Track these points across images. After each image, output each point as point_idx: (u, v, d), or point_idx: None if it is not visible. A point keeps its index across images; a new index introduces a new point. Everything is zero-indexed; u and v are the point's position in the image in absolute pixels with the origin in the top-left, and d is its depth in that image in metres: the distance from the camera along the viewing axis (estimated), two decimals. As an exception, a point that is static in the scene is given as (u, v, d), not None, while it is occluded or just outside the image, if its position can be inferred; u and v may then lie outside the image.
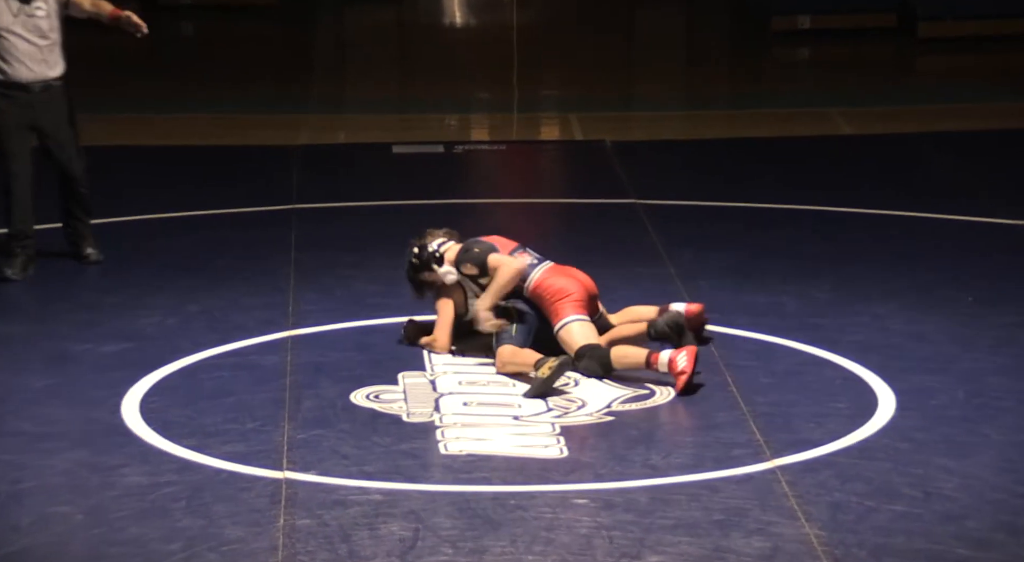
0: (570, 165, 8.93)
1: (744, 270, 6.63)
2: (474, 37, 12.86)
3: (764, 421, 4.99)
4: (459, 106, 10.34)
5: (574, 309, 5.39)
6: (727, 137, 9.39)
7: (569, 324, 5.38)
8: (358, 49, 12.45)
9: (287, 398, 5.18)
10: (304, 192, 7.91)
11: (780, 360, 5.56)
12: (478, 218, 7.66)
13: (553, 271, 5.52)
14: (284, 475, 4.61)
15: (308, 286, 6.35)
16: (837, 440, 4.85)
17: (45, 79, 6.36)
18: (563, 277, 5.50)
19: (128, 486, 4.53)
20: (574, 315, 5.38)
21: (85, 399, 5.17)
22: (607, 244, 7.05)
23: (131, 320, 5.94)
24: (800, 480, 4.56)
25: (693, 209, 7.71)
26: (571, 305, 5.40)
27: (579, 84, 10.97)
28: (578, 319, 5.38)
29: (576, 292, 5.43)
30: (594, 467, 4.69)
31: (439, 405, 5.17)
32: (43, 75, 6.36)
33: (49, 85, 6.38)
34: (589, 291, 5.50)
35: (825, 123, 9.61)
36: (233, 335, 5.70)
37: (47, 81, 6.37)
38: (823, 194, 7.86)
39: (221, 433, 4.90)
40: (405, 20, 13.27)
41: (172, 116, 9.75)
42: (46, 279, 6.45)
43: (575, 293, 5.43)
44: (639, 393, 5.25)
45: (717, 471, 4.63)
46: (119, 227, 7.35)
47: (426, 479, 4.60)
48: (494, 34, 12.70)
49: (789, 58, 12.09)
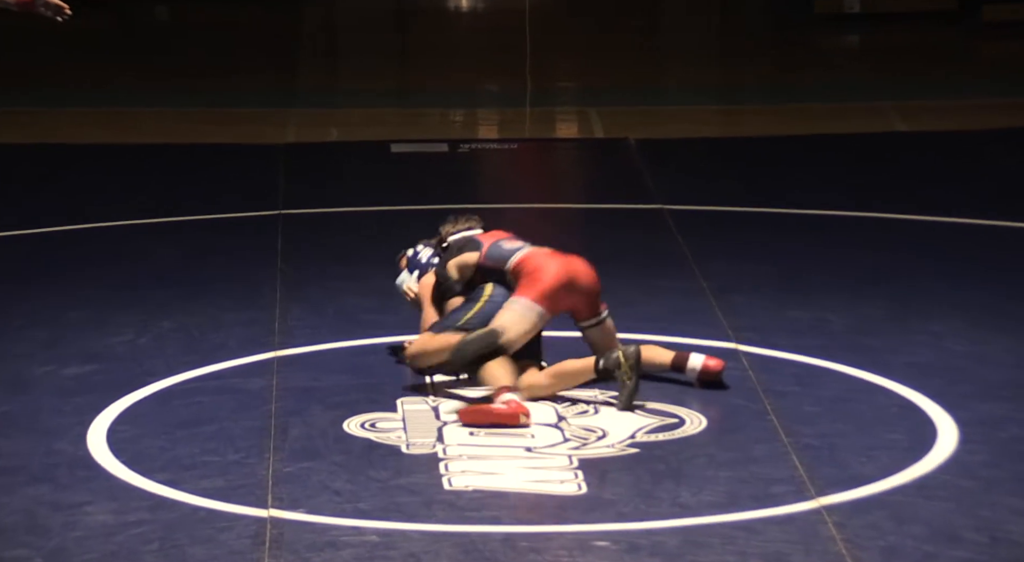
0: (589, 166, 8.95)
1: (784, 284, 6.63)
2: (482, 22, 12.90)
3: (808, 454, 4.99)
4: (465, 99, 10.37)
5: (534, 294, 5.17)
6: (765, 134, 9.40)
7: (512, 304, 5.16)
8: (352, 35, 12.50)
9: (273, 427, 5.18)
10: (291, 196, 7.93)
11: (826, 386, 5.55)
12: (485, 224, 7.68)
13: (542, 252, 5.29)
14: (269, 513, 4.61)
15: (296, 301, 6.37)
16: (891, 476, 4.84)
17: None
18: (549, 259, 5.25)
19: (93, 526, 4.54)
20: (525, 297, 5.17)
21: (45, 428, 5.18)
22: (630, 254, 7.05)
23: (97, 338, 5.95)
24: (849, 521, 4.56)
25: (727, 215, 7.72)
26: (534, 289, 5.17)
27: (600, 75, 10.99)
28: (526, 303, 5.16)
29: (550, 278, 5.19)
30: (616, 505, 4.69)
31: (442, 435, 5.17)
32: None
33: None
34: (573, 282, 5.23)
35: (876, 118, 9.61)
36: (212, 356, 5.71)
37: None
38: (874, 198, 7.86)
39: (199, 466, 4.91)
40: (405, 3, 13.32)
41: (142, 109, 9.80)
42: (0, 292, 6.47)
43: (548, 279, 5.18)
44: (667, 422, 5.25)
45: (755, 510, 4.62)
46: (83, 234, 7.38)
47: (428, 518, 4.60)
48: (504, 19, 12.74)
49: (835, 45, 12.10)
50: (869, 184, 8.18)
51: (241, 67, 11.13)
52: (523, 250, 5.35)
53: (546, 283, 5.22)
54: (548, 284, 5.22)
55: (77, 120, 8.12)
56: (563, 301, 5.29)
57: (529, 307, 5.21)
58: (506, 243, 5.40)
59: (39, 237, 7.33)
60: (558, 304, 5.28)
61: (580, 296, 5.33)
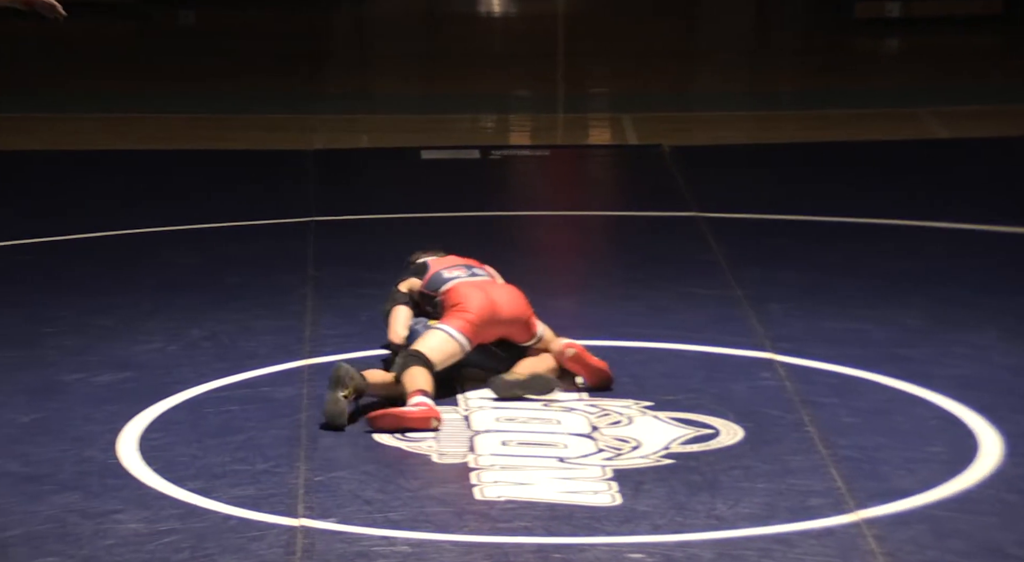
0: (622, 173, 8.95)
1: (822, 292, 6.61)
2: (514, 27, 12.91)
3: (847, 467, 4.97)
4: (496, 105, 10.39)
5: (458, 323, 5.41)
6: (801, 141, 9.38)
7: (434, 330, 5.42)
8: (382, 41, 12.53)
9: (303, 436, 5.21)
10: (322, 202, 7.97)
11: (865, 397, 5.53)
12: (516, 232, 7.69)
13: (471, 284, 5.56)
14: (299, 522, 4.63)
15: (327, 309, 6.39)
16: (932, 490, 4.81)
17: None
18: (473, 291, 5.51)
19: (124, 534, 4.56)
20: (448, 326, 5.41)
21: (76, 436, 5.22)
22: (664, 261, 7.05)
23: (127, 346, 5.99)
24: (889, 535, 4.54)
25: (762, 223, 7.70)
26: (458, 317, 5.42)
27: (633, 80, 10.99)
28: (447, 330, 5.39)
29: (475, 308, 5.44)
30: (651, 517, 4.68)
31: (474, 444, 5.18)
32: None
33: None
34: (495, 315, 5.46)
35: (915, 125, 9.58)
36: (243, 364, 5.74)
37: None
38: (913, 205, 7.83)
39: (229, 475, 4.93)
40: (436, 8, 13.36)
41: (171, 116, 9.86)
42: (29, 299, 6.53)
43: (472, 310, 5.43)
44: (702, 433, 5.24)
45: (792, 523, 4.61)
46: (113, 241, 7.43)
47: (459, 528, 4.61)
48: (536, 23, 12.75)
49: (875, 50, 12.06)
50: (908, 191, 8.15)
51: (271, 73, 11.18)
52: (453, 281, 5.59)
53: (468, 316, 5.45)
54: (470, 318, 5.45)
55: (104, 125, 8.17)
56: (488, 332, 5.50)
57: (454, 335, 5.42)
58: (447, 272, 5.64)
59: (68, 244, 7.39)
60: (482, 335, 5.49)
61: (505, 327, 5.53)
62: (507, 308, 5.52)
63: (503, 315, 5.50)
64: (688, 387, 5.59)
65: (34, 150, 8.88)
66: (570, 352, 5.49)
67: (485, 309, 5.47)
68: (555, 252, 6.38)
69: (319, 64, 11.63)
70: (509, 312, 5.51)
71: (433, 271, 5.68)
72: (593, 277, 6.99)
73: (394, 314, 5.68)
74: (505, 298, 5.54)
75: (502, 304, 5.51)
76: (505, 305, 5.52)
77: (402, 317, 5.67)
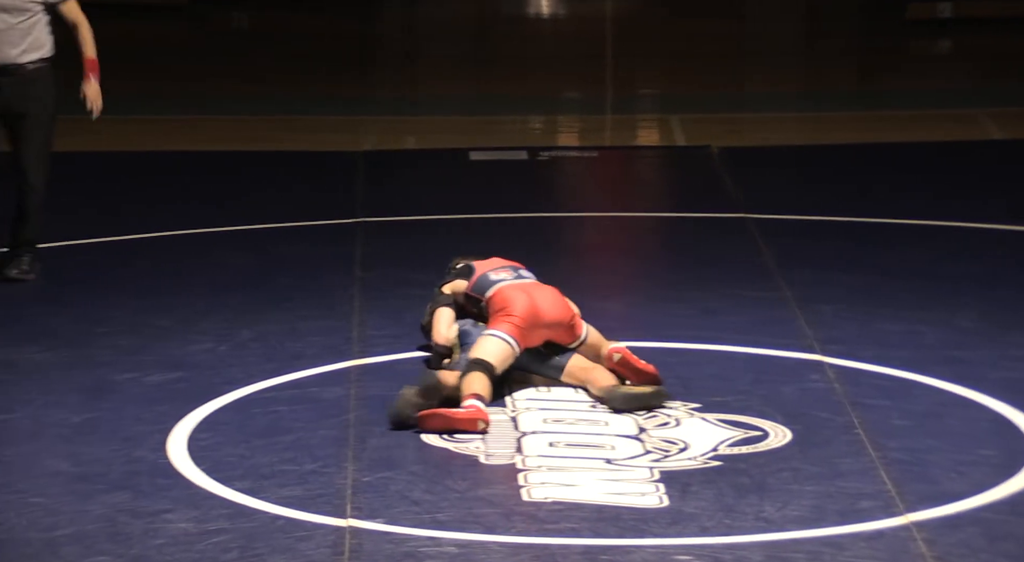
0: (671, 174, 8.93)
1: (873, 294, 6.57)
2: (563, 28, 12.91)
3: (897, 469, 4.94)
4: (545, 107, 10.39)
5: (508, 327, 5.44)
6: (853, 142, 9.32)
7: (488, 335, 5.45)
8: (431, 43, 12.57)
9: (351, 436, 5.23)
10: (370, 203, 8.00)
11: (916, 399, 5.49)
12: (564, 233, 7.69)
13: (515, 286, 5.57)
14: (347, 523, 4.65)
15: (375, 310, 6.42)
16: (983, 493, 4.78)
17: (15, 63, 6.52)
18: (519, 293, 5.54)
19: (174, 534, 4.60)
20: (498, 330, 5.44)
21: (127, 435, 5.26)
22: (713, 263, 7.03)
23: (178, 346, 6.04)
24: (940, 538, 4.51)
25: (812, 224, 7.66)
26: (506, 321, 5.45)
27: (681, 81, 10.96)
28: (499, 335, 5.43)
29: (520, 312, 5.46)
30: (699, 519, 4.67)
31: (521, 446, 5.19)
32: (11, 58, 6.51)
33: (21, 68, 6.54)
34: (537, 319, 5.49)
35: (970, 126, 9.50)
36: (291, 364, 5.77)
37: (17, 65, 6.53)
38: (966, 207, 7.77)
39: (277, 475, 4.96)
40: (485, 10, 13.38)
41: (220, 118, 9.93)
42: (81, 300, 6.59)
43: (518, 313, 5.46)
44: (750, 435, 5.22)
45: (842, 526, 4.58)
46: (163, 242, 7.49)
47: (507, 529, 4.62)
48: (585, 25, 12.74)
49: (927, 51, 11.96)
50: (960, 193, 8.08)
51: (320, 75, 11.23)
52: (500, 283, 5.61)
53: (515, 320, 5.48)
54: (517, 321, 5.48)
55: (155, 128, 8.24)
56: (534, 336, 5.52)
57: (505, 338, 5.45)
58: (493, 274, 5.66)
59: (120, 245, 7.45)
60: (529, 338, 5.51)
61: (549, 330, 5.54)
62: (550, 311, 5.53)
63: (546, 318, 5.52)
64: (737, 389, 5.57)
65: (91, 151, 8.96)
66: (616, 357, 5.49)
67: (529, 312, 5.49)
68: (602, 253, 6.37)
69: (369, 66, 11.68)
70: (552, 315, 5.53)
71: (479, 273, 5.70)
72: (641, 278, 6.97)
73: (438, 315, 5.71)
74: (548, 301, 5.55)
75: (545, 307, 5.53)
76: (549, 308, 5.54)
77: (446, 318, 5.69)
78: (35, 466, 5.03)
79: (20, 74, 6.53)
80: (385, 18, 13.30)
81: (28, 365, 5.85)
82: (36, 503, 4.78)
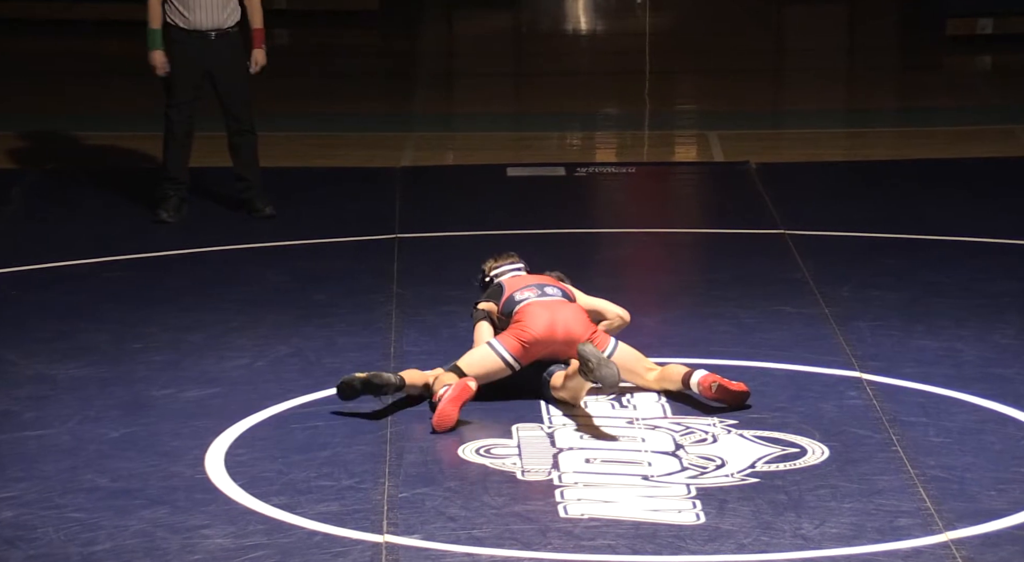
0: (709, 190, 8.92)
1: (912, 311, 6.55)
2: (600, 45, 12.93)
3: (936, 487, 4.92)
4: (582, 123, 10.40)
5: (510, 339, 5.55)
6: (892, 158, 9.29)
7: (484, 345, 5.58)
8: (468, 59, 12.61)
9: (388, 452, 5.25)
10: (407, 219, 8.03)
11: (955, 416, 5.47)
12: (602, 249, 7.70)
13: (538, 304, 5.65)
14: (384, 539, 4.67)
15: (411, 325, 6.44)
16: (1022, 511, 4.75)
17: (221, 27, 7.62)
18: (541, 310, 5.60)
19: (211, 549, 4.63)
20: (498, 343, 5.56)
21: (165, 451, 5.31)
22: (751, 280, 7.02)
23: (215, 362, 6.08)
24: (979, 556, 4.48)
25: (851, 240, 7.64)
26: (512, 337, 5.56)
27: (720, 97, 10.96)
28: (493, 346, 5.53)
29: (535, 330, 5.55)
30: (736, 536, 4.67)
31: (558, 462, 5.19)
32: (220, 23, 7.60)
33: (225, 33, 7.65)
34: (552, 338, 5.55)
35: (1010, 142, 9.44)
36: (328, 380, 5.80)
37: (223, 29, 7.63)
38: (1006, 223, 7.72)
39: (314, 490, 4.99)
40: (521, 27, 13.41)
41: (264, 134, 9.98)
42: (120, 315, 6.65)
43: (531, 331, 5.55)
44: (788, 452, 5.21)
45: (880, 544, 4.57)
46: (200, 257, 7.55)
47: (543, 546, 4.62)
48: (623, 41, 12.76)
49: (967, 67, 11.91)
50: (1000, 209, 8.04)
51: (358, 91, 11.29)
52: (524, 301, 5.71)
53: (523, 336, 5.58)
54: (525, 338, 5.58)
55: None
56: (538, 351, 5.60)
57: (496, 351, 5.57)
58: (518, 295, 5.76)
59: (157, 261, 7.51)
60: (531, 354, 5.60)
61: (561, 347, 5.60)
62: (568, 328, 5.60)
63: (563, 336, 5.58)
64: (774, 405, 5.56)
65: (129, 167, 9.04)
66: (714, 387, 5.47)
67: (546, 330, 5.58)
68: (640, 269, 6.37)
69: (407, 83, 11.72)
70: (570, 333, 5.58)
71: (507, 295, 5.79)
72: (679, 294, 6.97)
73: (477, 330, 5.78)
74: (568, 320, 5.61)
75: (562, 325, 5.59)
76: (567, 325, 5.60)
77: (485, 333, 5.74)
78: (73, 481, 5.08)
79: (227, 36, 7.64)
80: (424, 34, 13.35)
81: (67, 381, 5.90)
82: (74, 518, 4.82)
